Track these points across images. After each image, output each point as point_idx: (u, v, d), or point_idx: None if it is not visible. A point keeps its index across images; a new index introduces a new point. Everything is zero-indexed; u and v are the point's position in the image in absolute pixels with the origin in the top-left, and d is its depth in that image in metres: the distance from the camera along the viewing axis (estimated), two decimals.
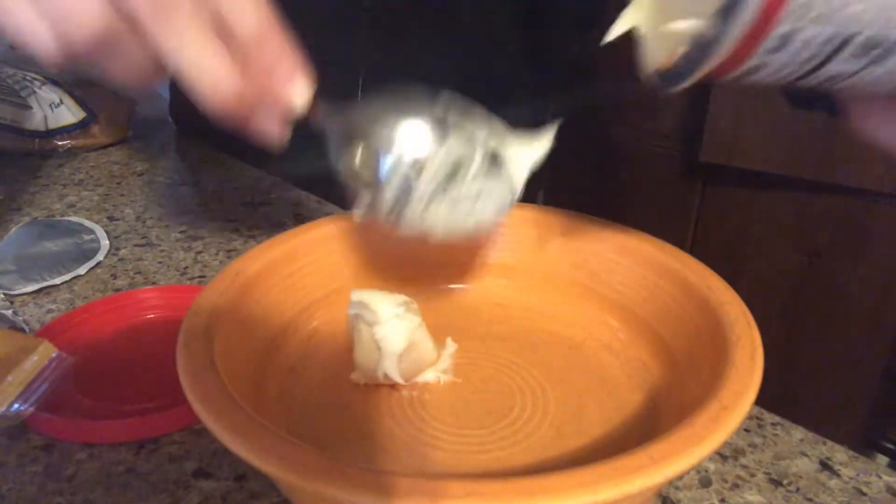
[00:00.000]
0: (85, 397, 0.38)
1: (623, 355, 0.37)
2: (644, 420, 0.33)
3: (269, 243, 0.37)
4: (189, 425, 0.36)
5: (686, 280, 0.34)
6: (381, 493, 0.21)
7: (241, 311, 0.33)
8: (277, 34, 0.27)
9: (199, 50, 0.26)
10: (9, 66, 0.74)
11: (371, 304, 0.34)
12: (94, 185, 0.68)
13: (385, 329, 0.33)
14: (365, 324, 0.34)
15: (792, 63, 0.18)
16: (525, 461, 0.31)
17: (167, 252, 0.55)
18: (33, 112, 0.73)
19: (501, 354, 0.37)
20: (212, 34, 0.26)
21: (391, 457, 0.31)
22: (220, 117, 0.27)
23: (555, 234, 0.40)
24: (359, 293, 0.35)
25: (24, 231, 0.57)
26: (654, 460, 0.23)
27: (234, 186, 0.68)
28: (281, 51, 0.27)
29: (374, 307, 0.34)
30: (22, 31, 0.26)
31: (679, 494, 0.33)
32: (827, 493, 0.33)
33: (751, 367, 0.27)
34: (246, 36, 0.26)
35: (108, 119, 0.77)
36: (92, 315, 0.44)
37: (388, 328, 0.33)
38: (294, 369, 0.36)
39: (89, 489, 0.32)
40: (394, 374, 0.33)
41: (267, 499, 0.32)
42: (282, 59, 0.27)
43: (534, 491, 0.21)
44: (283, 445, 0.23)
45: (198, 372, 0.27)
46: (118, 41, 0.25)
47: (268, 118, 0.28)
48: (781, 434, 0.37)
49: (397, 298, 0.35)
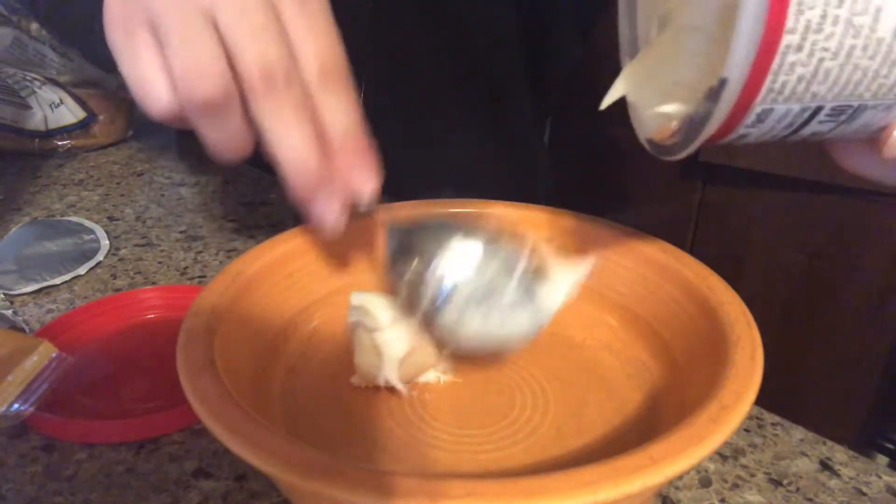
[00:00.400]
0: (85, 397, 0.38)
1: (623, 355, 0.37)
2: (644, 420, 0.33)
3: (269, 243, 0.37)
4: (189, 425, 0.36)
5: (686, 280, 0.34)
6: (381, 493, 0.21)
7: (241, 311, 0.33)
8: (362, 138, 0.31)
9: (296, 133, 0.29)
10: (9, 66, 0.74)
11: (371, 308, 0.34)
12: (94, 185, 0.68)
13: (385, 335, 0.33)
14: (365, 329, 0.34)
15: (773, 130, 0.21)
16: (525, 461, 0.31)
17: (167, 252, 0.55)
18: (33, 112, 0.73)
19: None
20: (310, 122, 0.29)
21: (391, 457, 0.31)
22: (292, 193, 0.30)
23: (555, 234, 0.40)
24: (358, 296, 0.34)
25: (24, 231, 0.57)
26: (654, 460, 0.23)
27: (234, 186, 0.68)
28: (362, 153, 0.31)
29: (373, 312, 0.33)
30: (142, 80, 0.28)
31: (679, 494, 0.33)
32: (827, 493, 0.33)
33: (751, 367, 0.27)
34: (336, 133, 0.30)
35: (108, 119, 0.77)
36: (92, 315, 0.44)
37: (389, 334, 0.33)
38: (294, 369, 0.36)
39: (89, 489, 0.32)
40: (395, 380, 0.33)
41: (267, 499, 0.32)
42: (361, 158, 0.31)
43: (534, 491, 0.21)
44: (283, 445, 0.23)
45: (198, 372, 0.27)
46: (227, 108, 0.28)
47: (332, 206, 0.31)
48: (781, 434, 0.37)
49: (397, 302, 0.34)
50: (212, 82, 0.27)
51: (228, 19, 0.27)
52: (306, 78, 0.29)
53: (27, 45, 0.75)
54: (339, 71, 0.31)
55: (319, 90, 0.30)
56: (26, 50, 0.75)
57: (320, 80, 0.30)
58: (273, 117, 0.29)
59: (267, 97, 0.28)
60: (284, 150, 0.29)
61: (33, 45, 0.75)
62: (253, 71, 0.28)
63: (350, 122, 0.31)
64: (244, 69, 0.28)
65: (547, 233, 0.41)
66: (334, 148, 0.30)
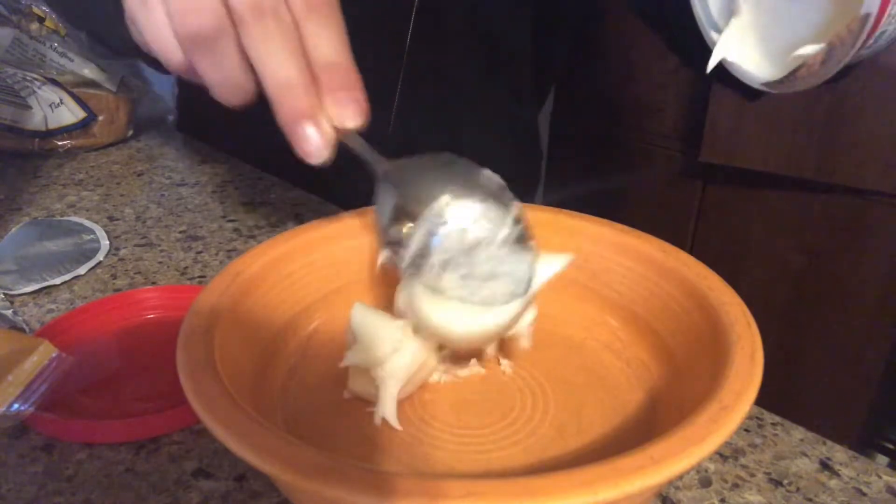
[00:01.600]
0: (85, 397, 0.38)
1: (623, 355, 0.37)
2: (644, 420, 0.33)
3: (269, 243, 0.37)
4: (189, 425, 0.36)
5: (686, 280, 0.34)
6: (381, 493, 0.21)
7: (241, 311, 0.33)
8: (349, 67, 0.32)
9: (284, 58, 0.30)
10: (9, 66, 0.74)
11: (367, 340, 0.33)
12: (94, 185, 0.68)
13: (384, 370, 0.33)
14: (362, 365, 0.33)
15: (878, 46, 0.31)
16: (525, 461, 0.31)
17: (167, 252, 0.55)
18: (33, 112, 0.73)
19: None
20: (297, 51, 0.30)
21: (391, 457, 0.31)
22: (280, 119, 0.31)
23: (555, 234, 0.40)
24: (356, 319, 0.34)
25: (24, 231, 0.57)
26: (654, 460, 0.23)
27: (234, 186, 0.68)
28: (348, 81, 0.31)
29: (371, 347, 0.33)
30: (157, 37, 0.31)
31: (679, 494, 0.33)
32: (827, 493, 0.33)
33: (751, 367, 0.27)
34: (323, 61, 0.31)
35: (108, 119, 0.77)
36: (92, 315, 0.44)
37: (387, 368, 0.33)
38: (294, 369, 0.36)
39: (89, 489, 0.32)
40: (392, 419, 0.32)
41: (267, 499, 0.32)
42: (346, 84, 0.31)
43: (534, 491, 0.21)
44: (283, 445, 0.23)
45: (198, 372, 0.27)
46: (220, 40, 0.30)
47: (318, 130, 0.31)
48: (781, 434, 0.37)
49: (396, 324, 0.34)
50: (203, 14, 0.29)
51: None
52: (294, 10, 0.31)
53: (27, 45, 0.75)
54: (327, 4, 0.32)
55: (307, 21, 0.31)
56: (26, 50, 0.75)
57: (307, 11, 0.31)
58: (261, 44, 0.30)
59: (256, 25, 0.30)
60: (272, 75, 0.30)
61: (33, 45, 0.75)
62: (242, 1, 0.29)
63: (336, 49, 0.31)
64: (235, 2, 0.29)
65: (546, 232, 0.41)
66: (320, 73, 0.31)
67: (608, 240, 0.39)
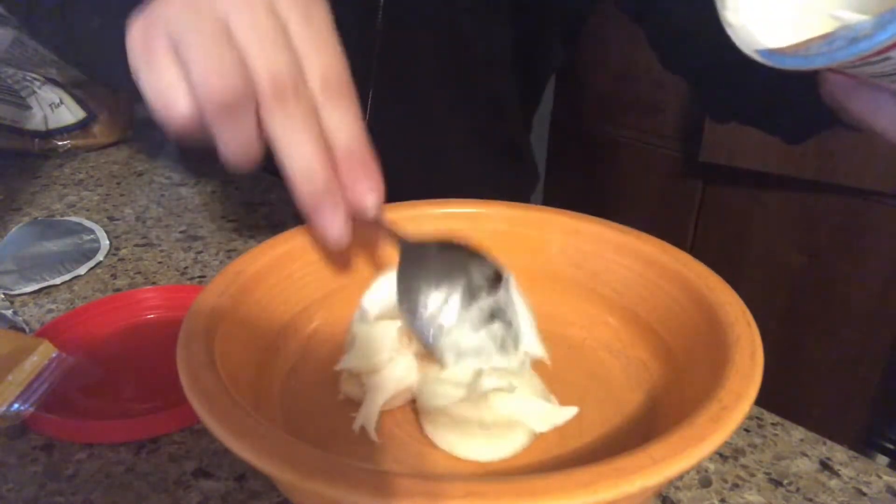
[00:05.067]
0: (85, 397, 0.38)
1: (623, 355, 0.37)
2: (644, 420, 0.33)
3: (269, 243, 0.37)
4: (189, 425, 0.36)
5: (686, 280, 0.34)
6: (381, 493, 0.21)
7: (241, 311, 0.33)
8: (366, 150, 0.32)
9: (305, 143, 0.31)
10: (9, 66, 0.74)
11: (364, 346, 0.33)
12: (94, 185, 0.68)
13: (374, 380, 0.33)
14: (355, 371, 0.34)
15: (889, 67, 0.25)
16: (525, 461, 0.31)
17: (167, 252, 0.55)
18: (33, 112, 0.73)
19: None
20: (319, 137, 0.31)
21: (391, 457, 0.31)
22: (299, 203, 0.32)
23: (555, 234, 0.40)
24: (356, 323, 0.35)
25: (24, 231, 0.57)
26: (654, 460, 0.23)
27: (234, 186, 0.68)
28: (366, 164, 0.32)
29: (366, 353, 0.33)
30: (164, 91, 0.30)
31: (679, 494, 0.33)
32: (827, 493, 0.33)
33: (751, 367, 0.27)
34: (340, 145, 0.32)
35: (108, 119, 0.77)
36: (92, 315, 0.44)
37: (378, 378, 0.33)
38: (294, 369, 0.36)
39: (89, 489, 0.32)
40: (371, 430, 0.32)
41: (267, 499, 0.32)
42: (364, 169, 0.32)
43: (534, 491, 0.21)
44: (283, 445, 0.23)
45: (198, 372, 0.27)
46: (243, 109, 0.30)
47: (337, 216, 0.32)
48: (781, 434, 0.37)
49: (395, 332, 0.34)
50: (231, 82, 0.29)
51: (241, 31, 0.30)
52: (312, 90, 0.31)
53: (27, 45, 0.75)
54: (343, 84, 0.32)
55: (324, 103, 0.31)
56: (26, 50, 0.75)
57: (325, 92, 0.31)
58: (283, 126, 0.30)
59: (278, 106, 0.30)
60: (294, 160, 0.31)
61: (33, 45, 0.75)
62: (264, 77, 0.29)
63: (354, 135, 0.32)
64: (256, 75, 0.30)
65: (546, 232, 0.41)
66: (339, 160, 0.32)
67: (608, 240, 0.39)
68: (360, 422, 0.32)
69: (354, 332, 0.35)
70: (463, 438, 0.31)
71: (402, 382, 0.33)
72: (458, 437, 0.31)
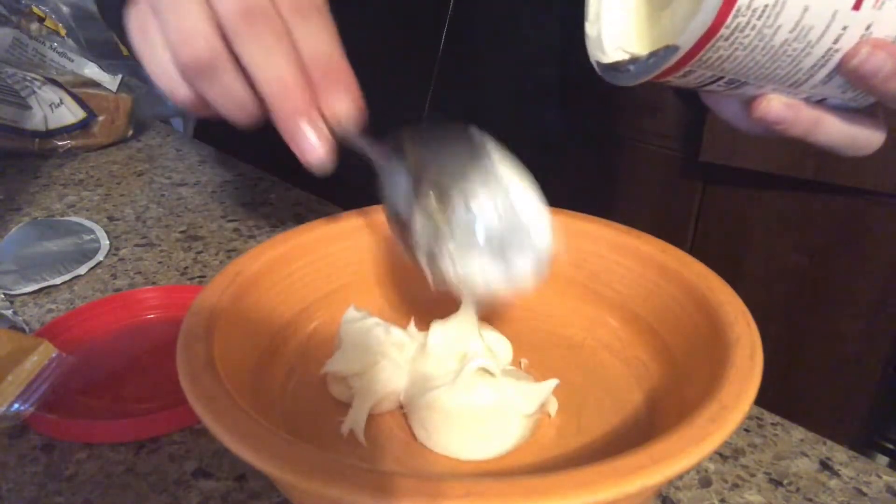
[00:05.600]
0: (85, 397, 0.38)
1: (623, 355, 0.37)
2: (644, 420, 0.33)
3: (269, 243, 0.37)
4: (189, 425, 0.36)
5: (686, 280, 0.34)
6: (381, 493, 0.21)
7: (241, 311, 0.33)
8: (341, 62, 0.32)
9: (277, 59, 0.30)
10: (9, 66, 0.74)
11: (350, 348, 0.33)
12: (94, 185, 0.68)
13: (360, 382, 0.33)
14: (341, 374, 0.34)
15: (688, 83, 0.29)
16: (524, 461, 0.31)
17: (167, 252, 0.55)
18: (33, 112, 0.73)
19: None
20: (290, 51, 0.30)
21: (391, 457, 0.31)
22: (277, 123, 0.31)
23: (555, 234, 0.40)
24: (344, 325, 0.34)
25: (24, 231, 0.57)
26: (654, 460, 0.23)
27: (234, 186, 0.68)
28: (341, 76, 0.32)
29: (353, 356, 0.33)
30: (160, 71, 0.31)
31: (679, 494, 0.33)
32: (827, 493, 0.33)
33: (751, 367, 0.27)
34: (314, 59, 0.31)
35: (108, 119, 0.77)
36: (92, 315, 0.44)
37: (364, 381, 0.33)
38: (293, 369, 0.36)
39: (89, 489, 0.32)
40: (359, 434, 0.32)
41: (267, 499, 0.32)
42: (339, 81, 0.31)
43: (534, 491, 0.21)
44: (283, 445, 0.23)
45: (198, 372, 0.27)
46: (216, 64, 0.30)
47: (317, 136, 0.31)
48: (781, 434, 0.37)
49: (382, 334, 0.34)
50: (197, 43, 0.29)
51: None
52: (284, 14, 0.31)
53: (27, 45, 0.75)
54: (315, 6, 0.32)
55: (296, 21, 0.31)
56: (26, 50, 0.75)
57: (296, 14, 0.31)
58: (254, 48, 0.30)
59: (247, 30, 0.30)
60: (267, 78, 0.30)
61: (33, 45, 0.75)
62: (233, 11, 0.29)
63: (327, 48, 0.31)
64: (225, 13, 0.29)
65: None
66: (312, 72, 0.31)
67: (608, 240, 0.39)
68: (348, 425, 0.32)
69: (341, 333, 0.35)
70: (456, 437, 0.31)
71: (388, 385, 0.33)
72: (451, 436, 0.31)
